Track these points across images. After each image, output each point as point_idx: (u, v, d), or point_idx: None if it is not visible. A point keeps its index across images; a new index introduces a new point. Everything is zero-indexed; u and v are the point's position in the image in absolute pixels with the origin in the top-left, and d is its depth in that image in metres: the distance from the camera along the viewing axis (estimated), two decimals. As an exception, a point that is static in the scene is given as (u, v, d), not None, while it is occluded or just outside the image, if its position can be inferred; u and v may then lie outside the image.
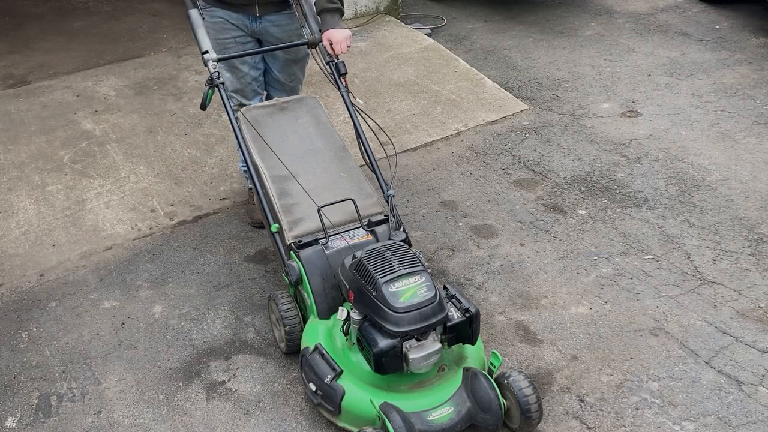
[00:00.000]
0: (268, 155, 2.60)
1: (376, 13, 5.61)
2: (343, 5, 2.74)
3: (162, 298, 2.87)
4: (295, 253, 2.40)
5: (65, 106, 4.39)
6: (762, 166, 3.58)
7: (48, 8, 6.16)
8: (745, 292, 2.79)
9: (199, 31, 2.66)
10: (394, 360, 2.06)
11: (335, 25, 2.68)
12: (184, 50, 5.16)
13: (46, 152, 3.90)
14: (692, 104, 4.22)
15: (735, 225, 3.17)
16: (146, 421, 2.34)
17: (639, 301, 2.77)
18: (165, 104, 4.38)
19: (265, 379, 2.48)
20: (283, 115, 2.82)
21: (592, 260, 3.00)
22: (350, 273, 2.17)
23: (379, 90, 4.47)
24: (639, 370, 2.47)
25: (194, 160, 3.79)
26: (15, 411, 2.39)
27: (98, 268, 3.04)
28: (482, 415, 2.09)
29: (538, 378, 2.45)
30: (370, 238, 2.42)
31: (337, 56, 2.70)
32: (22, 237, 3.25)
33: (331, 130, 2.82)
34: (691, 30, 5.27)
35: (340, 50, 2.67)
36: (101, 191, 3.55)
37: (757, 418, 2.27)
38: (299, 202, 2.52)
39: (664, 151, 3.75)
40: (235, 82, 2.98)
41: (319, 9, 2.70)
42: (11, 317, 2.80)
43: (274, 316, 2.56)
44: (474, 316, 2.16)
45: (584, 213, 3.30)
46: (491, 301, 2.81)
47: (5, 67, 5.00)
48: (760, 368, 2.46)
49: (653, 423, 2.28)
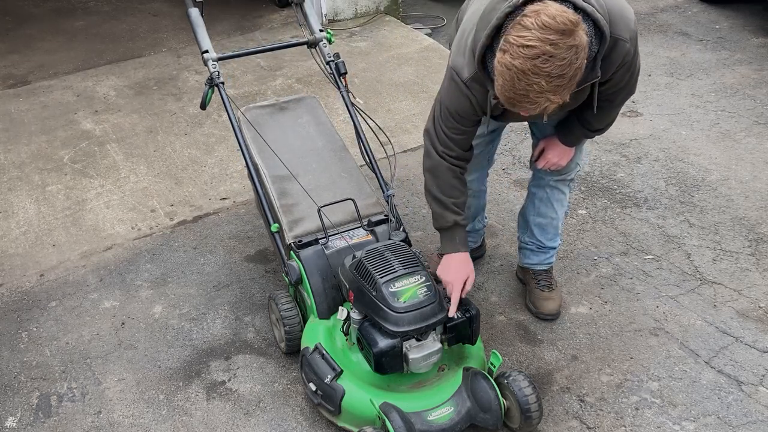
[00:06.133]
0: (268, 155, 2.60)
1: (376, 13, 5.61)
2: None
3: (162, 298, 2.87)
4: (295, 253, 2.40)
5: (65, 106, 4.40)
6: (762, 166, 3.58)
7: (48, 8, 6.16)
8: (745, 292, 2.79)
9: (199, 31, 2.65)
10: (394, 360, 2.06)
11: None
12: (184, 50, 5.16)
13: (46, 152, 3.90)
14: (692, 104, 4.22)
15: (735, 225, 3.17)
16: (146, 421, 2.34)
17: (639, 301, 2.77)
18: (165, 104, 4.38)
19: (265, 379, 2.48)
20: (283, 115, 2.83)
21: (592, 260, 3.00)
22: (350, 273, 2.17)
23: (379, 90, 4.47)
24: (639, 370, 2.47)
25: (194, 160, 3.79)
26: (15, 411, 2.39)
27: (98, 268, 3.04)
28: (482, 415, 2.09)
29: (538, 378, 2.45)
30: (370, 238, 2.42)
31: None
32: (22, 237, 3.25)
33: (331, 130, 2.82)
34: (691, 30, 5.27)
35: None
36: (101, 191, 3.55)
37: (757, 418, 2.27)
38: (299, 202, 2.52)
39: (664, 151, 3.75)
40: None
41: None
42: (11, 317, 2.80)
43: (274, 316, 2.56)
44: (474, 316, 2.16)
45: (584, 213, 3.30)
46: (491, 301, 2.81)
47: (5, 67, 5.00)
48: (760, 368, 2.46)
49: (653, 423, 2.28)
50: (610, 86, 2.09)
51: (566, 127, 2.39)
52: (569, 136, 2.40)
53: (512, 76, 1.70)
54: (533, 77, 1.67)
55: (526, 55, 1.66)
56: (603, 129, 2.36)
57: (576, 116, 2.32)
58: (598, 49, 1.84)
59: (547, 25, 1.64)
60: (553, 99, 1.73)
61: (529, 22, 1.66)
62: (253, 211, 3.34)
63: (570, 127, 2.37)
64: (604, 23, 1.80)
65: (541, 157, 2.48)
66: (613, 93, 2.14)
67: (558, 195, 2.63)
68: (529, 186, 2.69)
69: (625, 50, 1.97)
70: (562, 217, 2.69)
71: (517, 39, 1.67)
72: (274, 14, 5.78)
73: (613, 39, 1.90)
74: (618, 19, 1.91)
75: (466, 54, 2.01)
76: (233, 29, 5.51)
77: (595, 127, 2.33)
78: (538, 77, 1.67)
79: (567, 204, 2.69)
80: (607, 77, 2.02)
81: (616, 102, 2.22)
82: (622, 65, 2.01)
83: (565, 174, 2.57)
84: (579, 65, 1.71)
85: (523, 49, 1.66)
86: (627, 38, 1.95)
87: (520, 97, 1.74)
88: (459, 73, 2.05)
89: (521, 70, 1.67)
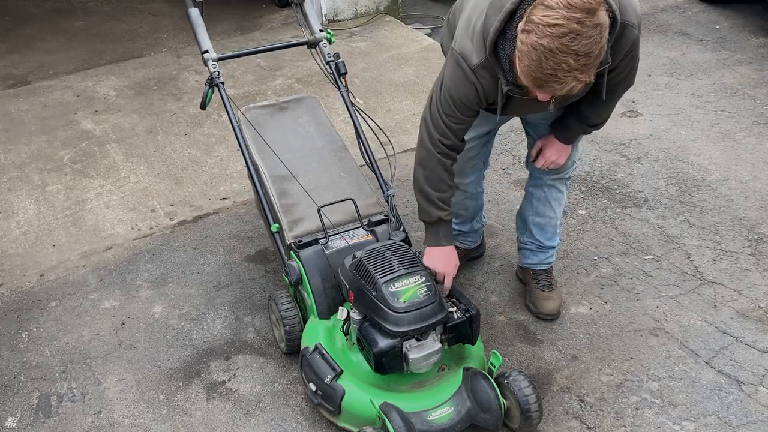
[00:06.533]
0: (268, 155, 2.60)
1: (376, 13, 5.61)
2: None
3: (162, 298, 2.87)
4: (295, 253, 2.40)
5: (65, 106, 4.40)
6: (762, 166, 3.58)
7: (48, 8, 6.16)
8: (745, 292, 2.79)
9: (199, 31, 2.65)
10: (394, 360, 2.06)
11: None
12: (184, 50, 5.16)
13: (46, 152, 3.90)
14: (692, 104, 4.22)
15: (735, 225, 3.17)
16: (146, 421, 2.34)
17: (639, 301, 2.77)
18: (165, 104, 4.38)
19: (265, 379, 2.48)
20: (283, 115, 2.83)
21: (592, 260, 3.00)
22: (350, 273, 2.16)
23: (379, 90, 4.47)
24: (639, 370, 2.47)
25: (194, 160, 3.79)
26: (15, 411, 2.39)
27: (98, 268, 3.04)
28: (482, 415, 2.09)
29: (538, 378, 2.45)
30: (370, 238, 2.42)
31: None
32: (22, 237, 3.25)
33: (331, 130, 2.82)
34: (691, 30, 5.27)
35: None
36: (101, 191, 3.55)
37: (757, 418, 2.27)
38: (299, 202, 2.52)
39: (664, 151, 3.75)
40: None
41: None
42: (11, 317, 2.80)
43: (274, 316, 2.56)
44: (474, 316, 2.16)
45: (584, 213, 3.30)
46: (491, 301, 2.81)
47: (5, 67, 5.00)
48: (760, 368, 2.46)
49: (653, 423, 2.28)
50: (615, 75, 2.09)
51: (563, 124, 2.39)
52: (567, 132, 2.40)
53: (539, 56, 1.69)
54: (561, 56, 1.66)
55: (553, 34, 1.65)
56: (600, 124, 2.37)
57: (573, 112, 2.32)
58: (609, 34, 1.84)
59: (573, 4, 1.64)
60: (580, 78, 1.72)
61: (553, 2, 1.66)
62: (253, 211, 3.34)
63: (567, 123, 2.37)
64: (615, 8, 1.81)
65: (539, 156, 2.48)
66: (616, 83, 2.14)
67: (556, 194, 2.63)
68: (527, 186, 2.70)
69: (634, 36, 1.98)
70: (561, 216, 2.69)
71: (543, 18, 1.66)
72: (274, 14, 5.78)
73: (623, 24, 1.91)
74: (626, 4, 1.93)
75: (474, 40, 1.98)
76: (233, 29, 5.51)
77: (593, 122, 2.34)
78: (567, 56, 1.66)
79: (565, 203, 2.70)
80: (615, 64, 2.02)
81: (617, 93, 2.23)
82: (629, 52, 2.02)
83: (562, 172, 2.58)
84: (603, 45, 1.71)
85: (550, 28, 1.65)
86: (635, 24, 1.96)
87: (547, 77, 1.73)
88: (467, 59, 2.02)
89: (549, 49, 1.66)
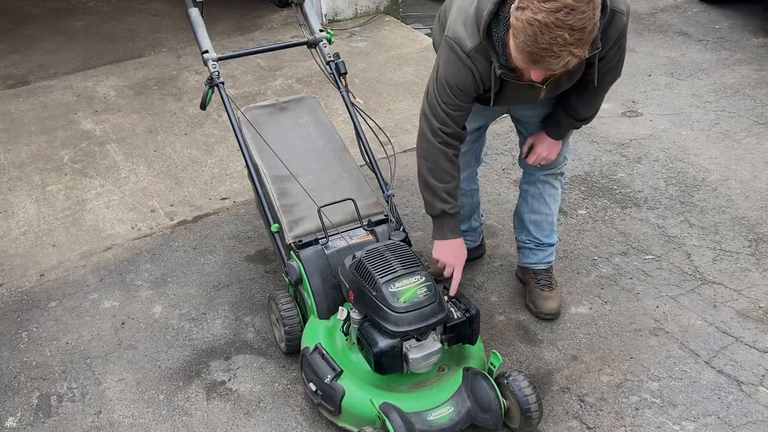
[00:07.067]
0: (268, 155, 2.60)
1: (376, 13, 5.61)
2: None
3: (162, 298, 2.87)
4: (295, 253, 2.40)
5: (65, 106, 4.40)
6: (762, 166, 3.58)
7: (48, 8, 6.16)
8: (745, 292, 2.79)
9: (199, 31, 2.65)
10: (394, 360, 2.06)
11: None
12: (184, 50, 5.17)
13: (46, 152, 3.90)
14: (692, 104, 4.22)
15: (735, 225, 3.17)
16: (146, 421, 2.34)
17: (639, 301, 2.77)
18: (165, 104, 4.38)
19: (265, 379, 2.48)
20: (283, 115, 2.83)
21: (592, 260, 3.00)
22: (350, 273, 2.16)
23: (379, 90, 4.47)
24: (639, 370, 2.47)
25: (194, 160, 3.79)
26: (15, 411, 2.39)
27: (98, 268, 3.04)
28: (482, 415, 2.09)
29: (538, 378, 2.45)
30: (370, 238, 2.42)
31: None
32: (22, 237, 3.25)
33: (331, 130, 2.82)
34: (691, 30, 5.27)
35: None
36: (101, 191, 3.55)
37: (757, 418, 2.27)
38: (299, 202, 2.52)
39: (664, 151, 3.75)
40: None
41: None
42: (11, 317, 2.80)
43: (274, 316, 2.56)
44: (474, 316, 2.16)
45: (584, 213, 3.30)
46: (491, 301, 2.81)
47: (5, 67, 5.01)
48: (760, 368, 2.46)
49: (653, 423, 2.28)
50: (603, 65, 2.13)
51: (553, 119, 2.42)
52: (557, 128, 2.43)
53: (535, 31, 1.72)
54: (556, 30, 1.70)
55: (548, 9, 1.69)
56: (589, 118, 2.40)
57: (563, 107, 2.36)
58: (600, 18, 1.87)
59: None
60: (575, 52, 1.76)
61: None
62: (253, 211, 3.34)
63: (557, 119, 2.40)
64: None
65: (531, 152, 2.51)
66: (604, 73, 2.18)
67: (550, 190, 2.65)
68: (521, 184, 2.72)
69: (622, 24, 2.02)
70: (557, 212, 2.71)
71: None
72: (274, 14, 5.78)
73: (612, 11, 1.95)
74: None
75: (468, 25, 2.02)
76: (233, 29, 5.51)
77: (582, 116, 2.37)
78: (562, 30, 1.70)
79: (560, 199, 2.72)
80: (604, 53, 2.05)
81: (605, 84, 2.26)
82: (618, 41, 2.06)
83: (554, 168, 2.60)
84: (596, 22, 1.75)
85: (544, 3, 1.70)
86: (624, 11, 2.00)
87: (543, 52, 1.76)
88: (461, 44, 2.05)
89: (544, 23, 1.70)
